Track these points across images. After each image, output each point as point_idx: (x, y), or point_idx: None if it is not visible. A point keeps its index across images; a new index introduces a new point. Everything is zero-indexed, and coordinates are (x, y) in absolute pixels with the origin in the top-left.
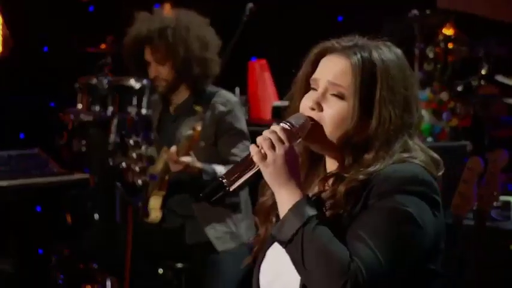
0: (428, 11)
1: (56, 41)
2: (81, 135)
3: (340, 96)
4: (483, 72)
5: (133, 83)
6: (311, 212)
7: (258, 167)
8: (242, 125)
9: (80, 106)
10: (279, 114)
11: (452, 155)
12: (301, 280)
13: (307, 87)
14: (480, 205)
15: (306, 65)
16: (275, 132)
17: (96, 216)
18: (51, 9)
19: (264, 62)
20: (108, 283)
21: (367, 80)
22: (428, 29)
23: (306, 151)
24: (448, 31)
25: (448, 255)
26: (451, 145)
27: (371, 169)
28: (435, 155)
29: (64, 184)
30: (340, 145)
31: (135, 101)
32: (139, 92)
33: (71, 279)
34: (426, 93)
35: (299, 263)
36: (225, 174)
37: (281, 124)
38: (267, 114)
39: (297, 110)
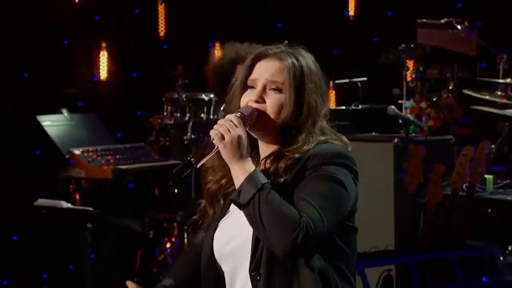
0: (412, 45)
1: (142, 68)
2: (166, 134)
3: (278, 90)
4: (450, 87)
5: (204, 96)
6: (263, 180)
7: (217, 147)
8: None
9: (165, 113)
10: None
11: (442, 145)
12: (253, 234)
13: (244, 88)
14: (471, 181)
15: (243, 70)
16: (230, 120)
17: (176, 190)
18: (138, 47)
19: None
20: (185, 235)
21: (297, 76)
22: (413, 58)
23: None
24: (410, 62)
25: (447, 219)
26: (442, 138)
27: (304, 148)
28: (344, 138)
29: (162, 168)
30: (280, 129)
31: (205, 109)
32: (208, 103)
33: (158, 234)
34: (411, 102)
35: (257, 221)
36: (191, 155)
37: (234, 113)
38: None
39: (236, 108)
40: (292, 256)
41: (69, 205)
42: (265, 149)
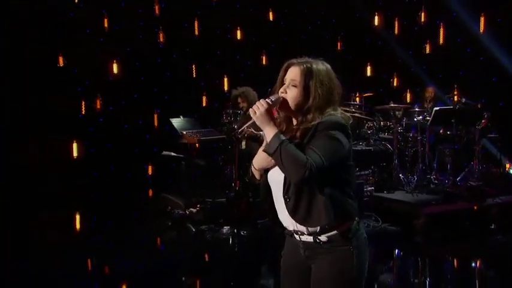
0: None
1: (212, 103)
2: (220, 125)
3: (295, 86)
4: None
5: (229, 110)
6: (283, 137)
7: (252, 119)
8: None
9: (224, 117)
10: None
11: None
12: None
13: (281, 83)
14: None
15: (281, 72)
16: (260, 102)
17: (221, 158)
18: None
19: None
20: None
21: (308, 77)
22: None
23: (285, 116)
24: None
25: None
26: None
27: (313, 122)
28: (347, 114)
29: (218, 139)
30: (296, 111)
31: (227, 114)
32: (232, 113)
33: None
34: None
35: (280, 163)
36: (236, 124)
37: (263, 99)
38: None
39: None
40: (303, 184)
41: (174, 154)
42: (295, 122)
